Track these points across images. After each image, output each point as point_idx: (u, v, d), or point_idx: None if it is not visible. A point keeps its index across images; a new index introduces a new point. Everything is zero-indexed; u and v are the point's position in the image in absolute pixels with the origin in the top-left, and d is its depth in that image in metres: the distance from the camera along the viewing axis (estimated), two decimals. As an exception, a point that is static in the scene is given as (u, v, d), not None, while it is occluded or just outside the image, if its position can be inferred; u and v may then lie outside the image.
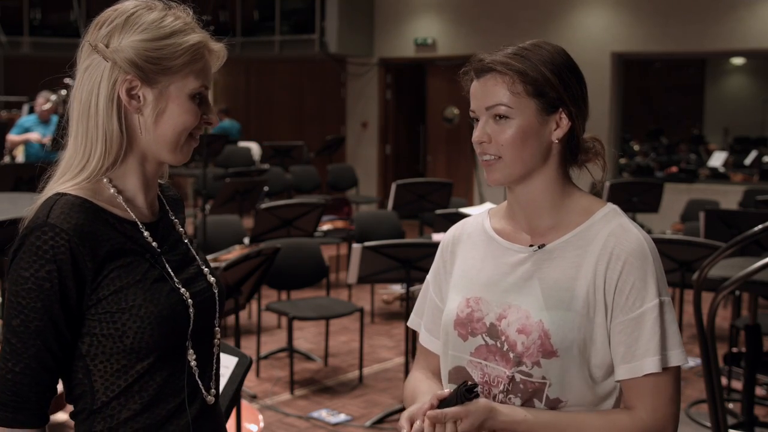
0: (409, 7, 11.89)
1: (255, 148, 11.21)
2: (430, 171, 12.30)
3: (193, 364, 1.53)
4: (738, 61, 14.08)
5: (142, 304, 1.45)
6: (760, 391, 4.94)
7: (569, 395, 1.55)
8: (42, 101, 8.34)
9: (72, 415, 1.52)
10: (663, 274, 1.57)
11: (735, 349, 5.26)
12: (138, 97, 1.48)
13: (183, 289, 1.52)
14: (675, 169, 11.39)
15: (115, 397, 1.47)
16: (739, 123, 13.81)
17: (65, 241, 1.40)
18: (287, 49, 12.32)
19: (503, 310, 1.59)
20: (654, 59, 12.93)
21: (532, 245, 1.61)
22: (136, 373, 1.47)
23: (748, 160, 11.89)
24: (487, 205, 4.06)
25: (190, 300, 1.51)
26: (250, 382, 5.32)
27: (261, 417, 3.60)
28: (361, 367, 5.49)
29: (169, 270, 1.52)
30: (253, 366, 2.78)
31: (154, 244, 1.52)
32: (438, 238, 5.57)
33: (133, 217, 1.51)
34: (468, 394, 1.49)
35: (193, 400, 1.54)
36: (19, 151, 8.54)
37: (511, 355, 1.56)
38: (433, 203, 7.15)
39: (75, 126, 1.50)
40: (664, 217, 9.01)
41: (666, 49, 10.28)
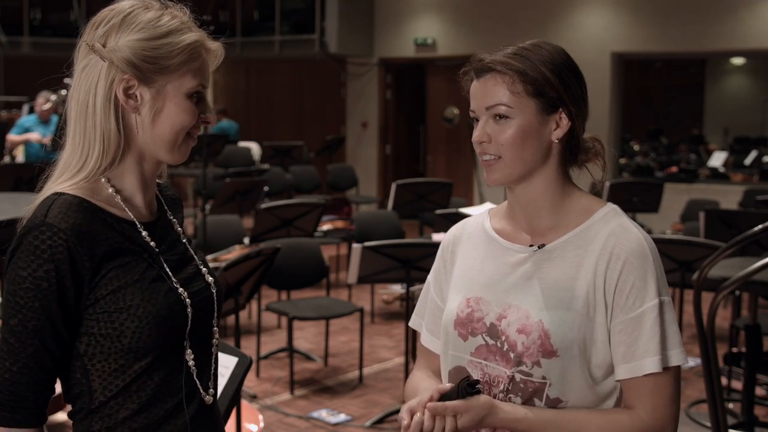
0: (409, 7, 11.89)
1: (255, 148, 11.21)
2: (430, 171, 12.29)
3: (191, 363, 1.53)
4: (738, 61, 14.08)
5: (140, 304, 1.45)
6: (760, 391, 4.94)
7: (569, 395, 1.55)
8: (42, 101, 8.34)
9: (70, 414, 1.52)
10: (663, 273, 1.57)
11: (735, 349, 5.26)
12: (135, 96, 1.49)
13: (181, 289, 1.51)
14: (675, 169, 11.39)
15: (112, 397, 1.48)
16: (739, 123, 13.81)
17: (63, 240, 1.40)
18: (287, 49, 12.32)
19: (503, 309, 1.59)
20: (654, 59, 12.93)
21: (532, 245, 1.61)
22: (134, 373, 1.47)
23: (748, 160, 11.89)
24: (487, 205, 4.06)
25: (188, 300, 1.51)
26: (250, 382, 5.32)
27: (261, 417, 3.60)
28: (361, 367, 5.49)
29: (167, 270, 1.52)
30: (253, 366, 2.78)
31: (152, 244, 1.52)
32: (438, 238, 5.57)
33: (131, 217, 1.51)
34: (470, 389, 1.49)
35: (191, 399, 1.54)
36: (19, 151, 8.54)
37: (511, 354, 1.56)
38: (433, 203, 7.15)
39: (73, 126, 1.50)
40: (664, 217, 9.01)
41: (666, 49, 10.28)
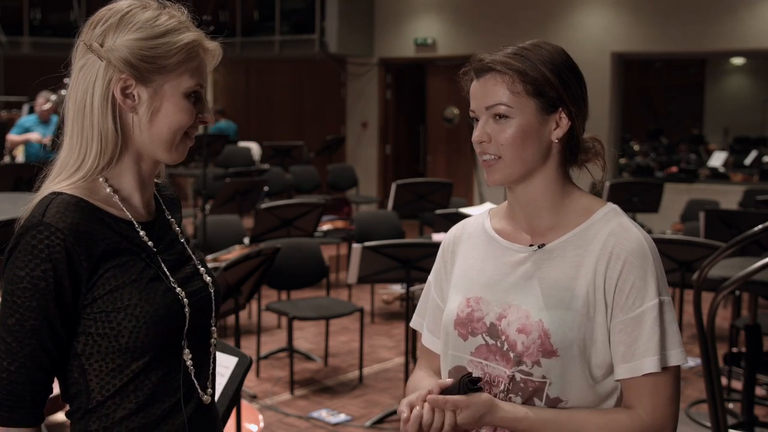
0: (409, 7, 11.89)
1: (255, 148, 11.21)
2: (430, 171, 12.30)
3: (188, 363, 1.53)
4: (738, 61, 14.08)
5: (138, 304, 1.45)
6: (760, 391, 4.94)
7: (569, 394, 1.55)
8: (42, 101, 8.34)
9: (68, 414, 1.52)
10: (663, 273, 1.57)
11: (735, 349, 5.26)
12: (133, 96, 1.49)
13: (178, 289, 1.51)
14: (675, 169, 11.39)
15: (110, 397, 1.47)
16: (739, 123, 13.81)
17: (60, 240, 1.40)
18: (287, 49, 12.32)
19: (503, 309, 1.59)
20: (654, 59, 12.93)
21: (532, 245, 1.61)
22: (132, 373, 1.47)
23: (748, 160, 11.89)
24: (487, 205, 4.06)
25: (185, 299, 1.51)
26: (250, 382, 5.32)
27: (261, 417, 3.60)
28: (361, 367, 5.49)
29: (165, 269, 1.52)
30: (253, 366, 2.77)
31: (150, 244, 1.52)
32: (438, 238, 5.57)
33: (129, 217, 1.51)
34: (471, 385, 1.49)
35: (189, 399, 1.54)
36: (19, 151, 8.54)
37: (511, 354, 1.56)
38: (433, 203, 7.15)
39: (70, 125, 1.50)
40: (664, 217, 9.01)
41: (666, 49, 10.28)
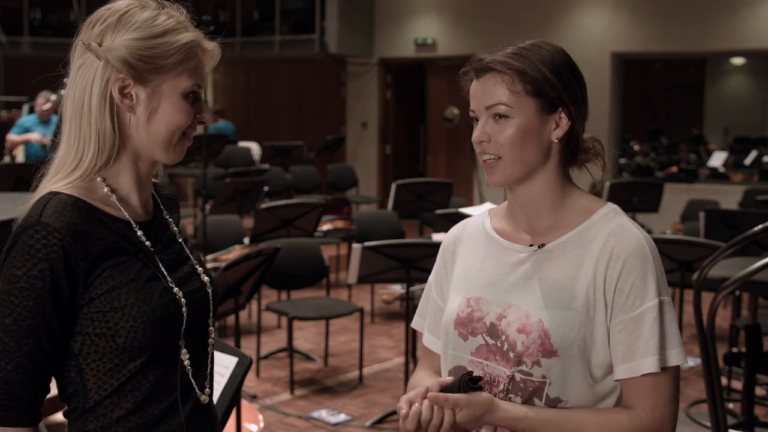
0: (409, 7, 11.89)
1: (255, 148, 11.21)
2: (430, 171, 12.29)
3: (186, 363, 1.53)
4: (738, 61, 14.08)
5: (135, 304, 1.45)
6: (760, 391, 4.94)
7: (569, 394, 1.55)
8: (42, 101, 8.34)
9: (65, 413, 1.52)
10: (663, 273, 1.57)
11: (735, 349, 5.26)
12: (131, 95, 1.48)
13: (176, 289, 1.51)
14: (675, 169, 11.39)
15: (107, 396, 1.47)
16: (739, 123, 13.80)
17: (58, 240, 1.40)
18: (287, 49, 12.32)
19: (503, 309, 1.59)
20: (654, 59, 12.92)
21: (532, 245, 1.61)
22: (129, 372, 1.47)
23: (748, 160, 11.89)
24: (488, 205, 4.06)
25: (183, 299, 1.51)
26: (250, 382, 5.32)
27: (261, 417, 3.60)
28: (361, 367, 5.49)
29: (162, 269, 1.52)
30: (253, 366, 2.77)
31: (148, 244, 1.52)
32: (438, 238, 5.57)
33: (127, 216, 1.51)
34: (472, 384, 1.49)
35: (186, 399, 1.54)
36: (19, 151, 8.54)
37: (511, 354, 1.56)
38: (433, 203, 7.14)
39: (68, 125, 1.50)
40: (664, 217, 9.01)
41: (666, 49, 10.28)
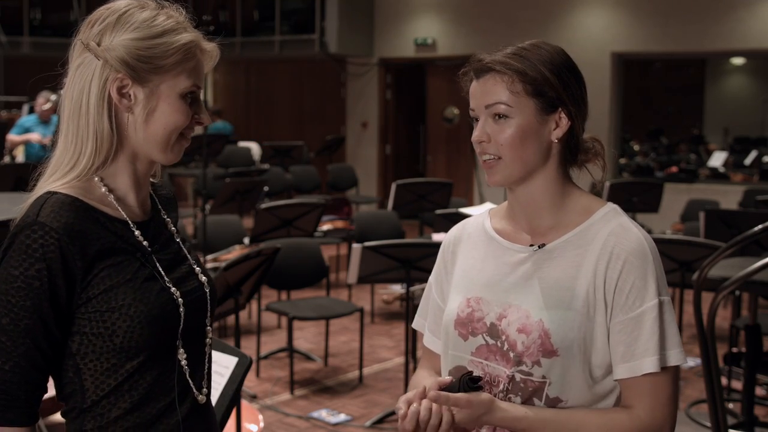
0: (409, 7, 11.88)
1: (255, 148, 11.21)
2: (430, 171, 12.29)
3: (183, 363, 1.53)
4: (738, 61, 14.07)
5: (132, 304, 1.45)
6: (760, 391, 4.94)
7: (569, 394, 1.55)
8: (42, 101, 8.34)
9: (63, 413, 1.52)
10: (663, 273, 1.57)
11: (735, 349, 5.26)
12: (129, 95, 1.48)
13: (173, 289, 1.51)
14: (675, 169, 11.39)
15: (105, 396, 1.47)
16: (739, 123, 13.80)
17: (55, 239, 1.40)
18: (287, 49, 12.32)
19: (503, 309, 1.59)
20: (654, 59, 12.92)
21: (532, 245, 1.61)
22: (126, 372, 1.47)
23: (748, 160, 11.88)
24: (488, 205, 4.06)
25: (180, 299, 1.51)
26: (250, 382, 5.32)
27: (261, 417, 3.60)
28: (361, 367, 5.49)
29: (160, 269, 1.52)
30: (253, 366, 2.77)
31: (145, 243, 1.52)
32: (438, 238, 5.57)
33: (124, 216, 1.51)
34: (471, 384, 1.49)
35: (184, 399, 1.54)
36: (19, 151, 8.54)
37: (511, 354, 1.56)
38: (433, 203, 7.14)
39: (66, 124, 1.49)
40: (664, 217, 9.01)
41: (666, 49, 10.28)
